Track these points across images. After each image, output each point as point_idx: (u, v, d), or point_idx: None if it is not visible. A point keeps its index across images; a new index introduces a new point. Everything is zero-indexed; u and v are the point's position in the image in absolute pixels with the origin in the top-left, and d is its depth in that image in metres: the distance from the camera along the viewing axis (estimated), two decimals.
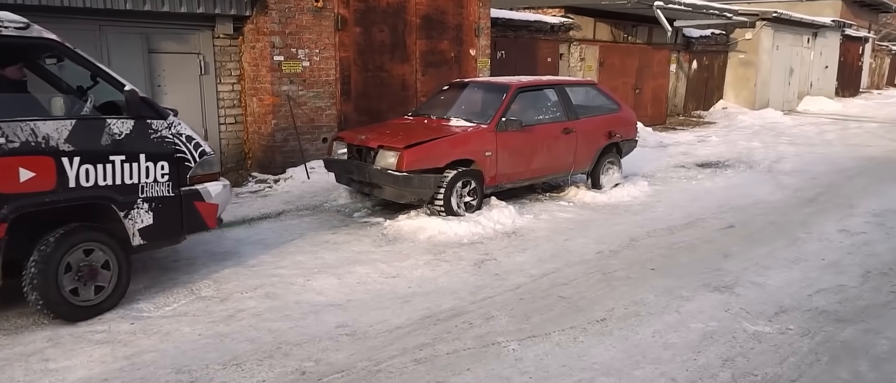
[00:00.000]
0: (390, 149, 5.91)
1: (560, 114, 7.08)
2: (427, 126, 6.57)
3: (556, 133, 6.92)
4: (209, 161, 4.31)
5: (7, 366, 3.26)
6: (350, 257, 5.13)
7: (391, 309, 4.06)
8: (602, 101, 7.81)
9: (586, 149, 7.26)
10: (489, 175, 6.33)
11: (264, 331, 3.67)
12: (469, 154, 6.17)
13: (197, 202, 4.22)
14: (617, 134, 7.59)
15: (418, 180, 5.81)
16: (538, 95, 7.17)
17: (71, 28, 7.04)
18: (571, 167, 7.22)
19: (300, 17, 8.07)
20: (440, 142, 6.04)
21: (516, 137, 6.48)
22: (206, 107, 8.25)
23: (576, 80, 8.16)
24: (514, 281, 4.57)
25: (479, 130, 6.30)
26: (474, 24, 10.05)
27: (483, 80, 7.55)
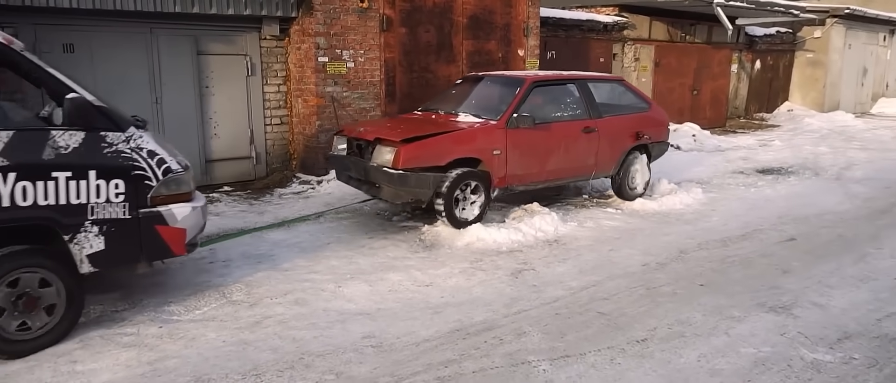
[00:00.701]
0: (387, 143, 5.45)
1: (581, 111, 6.54)
2: (433, 121, 6.12)
3: (575, 132, 6.40)
4: (176, 179, 3.74)
5: (36, 367, 3.28)
6: (385, 263, 5.02)
7: (421, 320, 3.92)
8: (630, 99, 7.24)
9: (610, 151, 6.71)
10: (498, 175, 5.86)
11: (288, 340, 3.59)
12: (475, 152, 5.69)
13: (158, 226, 3.67)
14: (645, 135, 7.01)
15: (416, 179, 5.34)
16: (557, 90, 6.64)
17: (124, 31, 7.24)
18: (592, 170, 6.68)
19: (345, 18, 8.04)
20: (442, 137, 5.57)
21: (529, 135, 5.99)
22: (253, 108, 8.33)
23: (601, 75, 7.43)
24: (551, 293, 4.35)
25: (487, 126, 5.82)
26: (523, 23, 9.82)
27: (498, 74, 7.02)
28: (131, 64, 7.34)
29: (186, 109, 7.80)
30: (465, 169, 5.56)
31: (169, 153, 3.78)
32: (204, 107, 7.95)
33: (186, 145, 7.81)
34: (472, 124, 5.85)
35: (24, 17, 6.62)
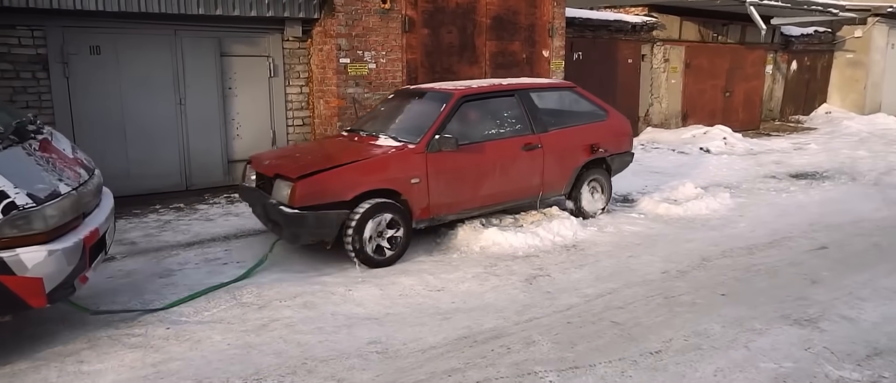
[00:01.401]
0: (285, 179, 4.79)
1: (522, 126, 5.82)
2: (346, 147, 5.41)
3: (513, 150, 5.68)
4: (24, 216, 2.97)
5: (43, 366, 3.31)
6: (398, 266, 4.96)
7: (429, 326, 3.84)
8: (584, 108, 6.49)
9: (559, 168, 6.04)
10: (419, 207, 5.15)
11: (293, 345, 3.55)
12: (388, 183, 4.95)
13: (2, 275, 2.99)
14: (602, 147, 6.33)
15: (315, 218, 4.61)
16: (492, 104, 5.83)
17: (149, 33, 7.33)
18: (539, 190, 5.99)
19: (367, 19, 8.02)
20: (345, 169, 4.82)
21: (455, 159, 5.26)
22: (275, 109, 8.37)
23: (548, 82, 6.68)
24: (565, 301, 4.23)
25: (402, 152, 5.08)
26: (548, 24, 9.67)
27: (428, 87, 6.18)
28: (156, 65, 7.43)
29: (210, 110, 7.87)
30: (376, 201, 4.86)
31: (31, 179, 3.07)
32: (227, 108, 8.01)
33: (209, 146, 7.90)
34: (386, 150, 5.14)
35: (52, 19, 6.75)
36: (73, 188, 3.32)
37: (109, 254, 5.18)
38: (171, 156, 7.70)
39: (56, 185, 3.20)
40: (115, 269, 4.89)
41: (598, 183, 6.48)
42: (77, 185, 3.38)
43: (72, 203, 3.26)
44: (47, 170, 3.26)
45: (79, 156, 3.81)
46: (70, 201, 3.24)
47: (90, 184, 3.58)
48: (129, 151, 7.41)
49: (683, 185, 7.54)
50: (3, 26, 6.59)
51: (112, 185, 7.24)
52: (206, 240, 5.71)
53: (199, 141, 7.85)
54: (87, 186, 3.52)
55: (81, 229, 3.33)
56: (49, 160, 3.36)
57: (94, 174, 3.78)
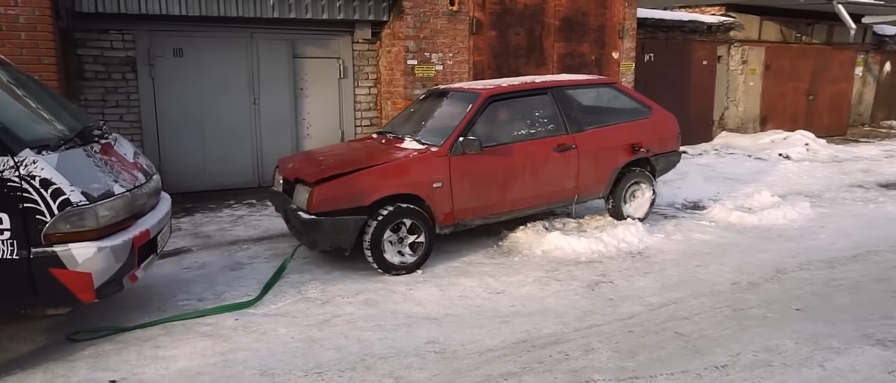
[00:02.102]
0: (304, 183, 4.73)
1: (555, 126, 5.58)
2: (372, 149, 5.31)
3: (544, 152, 5.44)
4: (78, 213, 3.12)
5: (124, 349, 3.52)
6: (458, 267, 4.98)
7: (487, 328, 3.85)
8: (625, 105, 6.14)
9: (596, 170, 5.75)
10: (442, 212, 4.97)
11: (353, 340, 3.63)
12: (409, 187, 4.79)
13: (54, 269, 3.12)
14: (644, 147, 6.02)
15: (332, 224, 4.52)
16: (523, 104, 5.61)
17: (227, 36, 7.68)
18: (574, 193, 5.72)
19: (435, 22, 8.10)
20: (364, 173, 4.68)
21: (480, 162, 5.08)
22: (344, 109, 8.58)
23: (584, 78, 6.26)
24: (627, 309, 4.13)
25: (424, 156, 4.93)
26: (619, 25, 9.47)
27: (456, 87, 6.01)
28: (233, 67, 7.77)
29: (282, 110, 8.16)
30: (396, 207, 4.72)
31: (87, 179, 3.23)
32: (298, 108, 8.28)
33: (281, 144, 8.18)
34: (409, 153, 4.99)
35: (140, 24, 7.18)
36: (128, 190, 3.45)
37: (185, 247, 5.49)
38: (245, 154, 8.03)
39: (111, 186, 3.34)
40: (191, 261, 5.15)
41: (640, 185, 6.18)
42: (132, 188, 3.51)
43: (124, 203, 3.40)
44: (104, 171, 3.41)
45: (139, 161, 3.99)
46: (123, 202, 3.39)
47: (146, 188, 3.72)
48: (207, 149, 7.78)
49: (759, 193, 7.22)
50: (98, 31, 7.06)
51: (190, 181, 7.69)
52: (274, 236, 5.92)
53: (271, 139, 8.14)
54: (143, 189, 3.66)
55: (132, 229, 3.46)
56: (107, 162, 3.52)
57: (152, 179, 3.94)
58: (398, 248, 4.80)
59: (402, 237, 4.82)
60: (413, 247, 4.87)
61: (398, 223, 4.76)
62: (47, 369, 3.31)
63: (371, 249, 4.65)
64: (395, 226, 4.77)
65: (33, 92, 3.68)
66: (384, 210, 4.69)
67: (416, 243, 4.88)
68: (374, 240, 4.64)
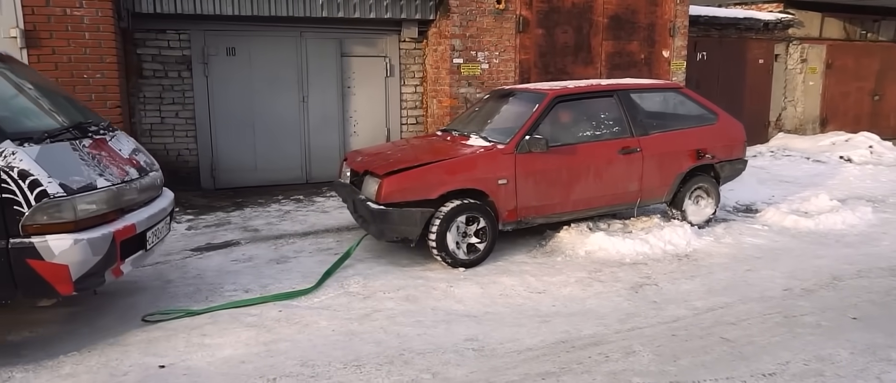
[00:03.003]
0: (373, 175, 4.90)
1: (620, 128, 5.58)
2: (438, 146, 5.45)
3: (609, 154, 5.46)
4: (55, 205, 3.15)
5: (173, 336, 3.65)
6: (500, 266, 4.97)
7: (527, 327, 3.82)
8: (691, 110, 6.09)
9: (660, 174, 5.71)
10: (506, 209, 5.07)
11: (393, 335, 3.67)
12: (474, 182, 4.91)
13: (31, 260, 3.15)
14: (709, 153, 5.92)
15: (399, 215, 4.68)
16: (588, 105, 5.63)
17: (278, 35, 7.86)
18: (636, 196, 5.70)
19: (481, 20, 8.09)
20: (432, 167, 4.84)
21: (545, 160, 5.13)
22: (390, 107, 8.67)
23: (650, 82, 6.30)
24: (671, 312, 4.04)
25: (490, 153, 5.04)
26: (669, 22, 9.25)
27: (522, 87, 6.10)
28: (283, 65, 7.95)
29: (329, 108, 8.30)
30: (461, 202, 4.84)
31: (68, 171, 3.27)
32: (345, 105, 8.41)
33: (328, 142, 8.33)
34: (475, 150, 5.11)
35: (195, 24, 7.43)
36: (113, 184, 3.48)
37: (234, 240, 5.65)
38: (293, 150, 8.21)
39: (93, 180, 3.37)
40: (239, 254, 5.30)
41: (703, 191, 6.06)
42: (119, 182, 3.54)
43: (108, 197, 3.43)
44: (89, 165, 3.45)
45: (137, 157, 4.05)
46: (106, 195, 3.41)
47: (137, 184, 3.76)
48: (257, 145, 7.98)
49: (817, 197, 6.93)
50: (156, 31, 7.34)
51: (241, 177, 7.91)
52: (320, 231, 6.03)
53: (318, 137, 8.30)
54: (132, 185, 3.70)
55: (116, 223, 3.47)
56: (95, 157, 3.56)
57: (148, 175, 3.99)
58: (458, 241, 4.88)
59: (465, 231, 4.91)
60: (475, 243, 4.95)
61: (468, 217, 4.89)
62: (103, 352, 3.46)
63: (436, 241, 4.78)
64: (467, 219, 4.89)
65: (35, 88, 3.80)
66: (450, 203, 4.82)
67: (480, 238, 4.96)
68: (439, 233, 4.76)
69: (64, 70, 5.96)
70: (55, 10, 5.85)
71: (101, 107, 6.10)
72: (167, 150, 7.63)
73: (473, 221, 4.94)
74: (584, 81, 6.20)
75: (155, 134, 7.56)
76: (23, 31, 5.76)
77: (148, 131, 7.53)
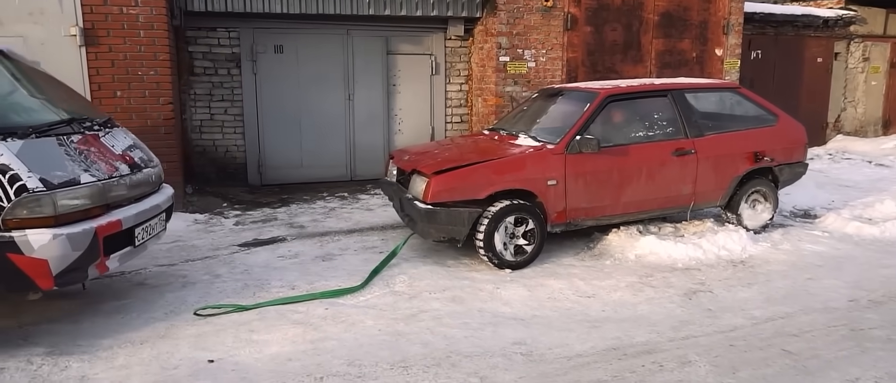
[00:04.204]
0: (421, 174, 4.84)
1: (674, 129, 5.39)
2: (486, 145, 5.35)
3: (662, 155, 5.28)
4: (35, 199, 3.17)
5: (222, 331, 3.68)
6: (547, 268, 4.87)
7: (576, 332, 3.72)
8: (749, 111, 5.85)
9: (715, 177, 5.51)
10: (555, 210, 4.95)
11: (440, 337, 3.62)
12: (523, 183, 4.81)
13: (11, 254, 3.16)
14: (768, 156, 5.66)
15: (447, 215, 4.62)
16: (641, 105, 5.46)
17: (325, 33, 7.91)
18: (690, 200, 5.50)
19: (529, 18, 7.98)
20: (480, 167, 4.75)
21: (596, 161, 5.00)
22: (435, 105, 8.63)
23: (706, 82, 6.07)
24: (728, 321, 3.87)
25: (540, 153, 4.92)
26: (723, 19, 8.96)
27: (572, 86, 5.94)
28: (329, 63, 8.00)
29: (375, 106, 8.32)
30: (509, 202, 4.76)
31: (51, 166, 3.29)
32: (390, 103, 8.41)
33: (373, 139, 8.35)
34: (524, 150, 4.99)
35: (245, 22, 7.53)
36: (99, 180, 3.48)
37: (280, 236, 5.69)
38: (338, 147, 8.25)
39: (77, 175, 3.38)
40: (285, 250, 5.33)
41: (761, 195, 5.81)
42: (106, 178, 3.53)
43: (92, 192, 3.43)
44: (75, 160, 3.46)
45: (131, 153, 4.04)
46: (89, 191, 3.42)
47: (127, 180, 3.76)
48: (303, 142, 8.05)
49: (881, 202, 6.60)
50: (207, 29, 7.47)
51: (287, 173, 8.00)
52: (365, 229, 6.03)
53: (363, 134, 8.32)
54: (121, 180, 3.70)
55: (100, 219, 3.46)
56: (83, 152, 3.57)
57: (142, 171, 3.99)
58: (505, 242, 4.79)
59: (513, 232, 4.82)
60: (523, 244, 4.86)
61: (516, 218, 4.80)
62: (154, 345, 3.51)
63: (484, 242, 4.70)
64: (515, 220, 4.80)
65: (33, 84, 3.84)
66: (499, 204, 4.74)
67: (528, 239, 4.86)
68: (487, 234, 4.68)
69: (119, 67, 6.11)
70: (112, 8, 5.99)
71: (153, 104, 6.24)
72: (216, 146, 7.77)
73: (521, 222, 4.85)
74: (636, 80, 6.04)
75: (204, 130, 7.70)
76: (82, 30, 5.92)
77: (198, 127, 7.68)
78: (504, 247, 4.79)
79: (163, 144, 6.32)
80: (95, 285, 4.44)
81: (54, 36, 5.90)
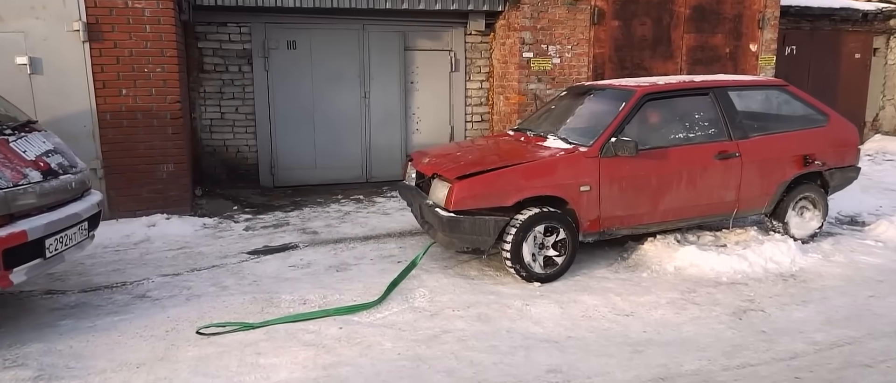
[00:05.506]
0: (443, 179, 4.48)
1: (716, 131, 4.99)
2: (512, 147, 4.99)
3: (704, 159, 4.89)
4: None
5: (225, 354, 3.35)
6: (579, 281, 4.48)
7: (617, 358, 3.34)
8: (797, 111, 5.44)
9: (760, 182, 5.11)
10: (588, 218, 4.58)
11: (466, 363, 3.25)
12: (553, 189, 4.44)
13: None
14: (818, 159, 5.23)
15: (471, 224, 4.27)
16: (680, 104, 5.07)
17: (340, 28, 7.57)
18: (733, 207, 5.10)
19: (553, 12, 7.58)
20: (507, 172, 4.37)
21: (633, 165, 4.63)
22: (454, 104, 8.26)
23: (751, 79, 5.67)
24: (787, 346, 3.47)
25: (572, 156, 4.53)
26: (758, 13, 8.49)
27: (606, 83, 5.53)
28: (344, 60, 7.66)
29: (391, 104, 7.97)
30: (539, 210, 4.38)
31: None
32: (408, 102, 8.06)
33: (389, 140, 8.00)
34: (554, 153, 4.61)
35: (256, 16, 7.21)
36: (0, 188, 3.31)
37: (292, 243, 5.36)
38: (353, 148, 7.91)
39: None
40: (297, 259, 5.00)
41: (809, 202, 5.37)
42: (10, 186, 3.36)
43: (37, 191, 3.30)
44: None
45: (47, 159, 3.78)
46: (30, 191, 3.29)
47: (38, 187, 3.54)
48: (317, 142, 7.73)
49: None
50: (217, 24, 7.16)
51: (300, 175, 7.66)
52: (381, 235, 5.69)
53: (380, 134, 7.98)
54: (29, 189, 3.48)
55: (0, 230, 3.29)
56: None
57: (58, 178, 3.73)
58: (534, 253, 4.42)
59: (542, 242, 4.44)
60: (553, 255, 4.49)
61: (546, 227, 4.42)
62: (151, 370, 3.19)
63: (511, 253, 4.33)
64: (545, 229, 4.42)
65: None
66: (527, 211, 4.37)
67: (558, 250, 4.49)
68: (514, 244, 4.32)
69: (125, 64, 5.81)
70: (116, 2, 5.69)
71: (160, 102, 5.93)
72: (227, 147, 7.47)
73: (552, 232, 4.46)
74: (674, 78, 5.62)
75: (215, 129, 7.40)
76: (85, 25, 5.63)
77: (208, 127, 7.38)
78: (533, 258, 4.42)
79: (171, 144, 6.03)
80: (96, 298, 4.14)
81: (56, 31, 5.61)
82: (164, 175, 6.05)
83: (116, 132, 5.85)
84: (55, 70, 5.65)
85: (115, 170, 5.89)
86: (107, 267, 4.80)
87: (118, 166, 5.89)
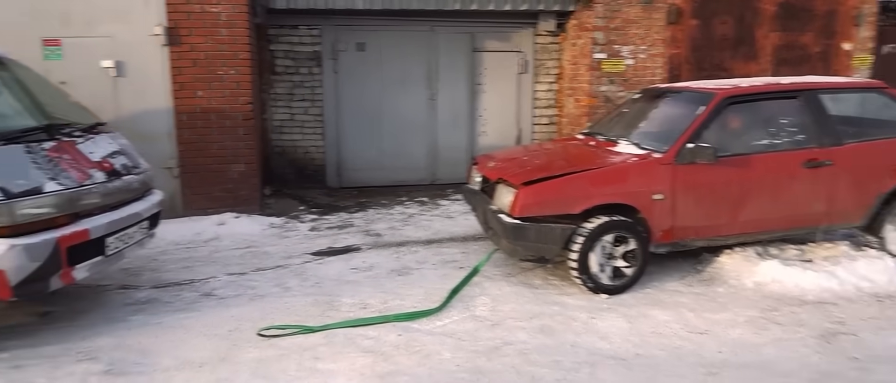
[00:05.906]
0: (508, 184, 4.31)
1: (804, 137, 4.62)
2: (581, 152, 4.80)
3: (791, 167, 4.54)
4: None
5: (285, 357, 3.35)
6: (649, 295, 4.26)
7: (689, 379, 3.12)
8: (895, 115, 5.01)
9: (855, 193, 4.72)
10: (660, 228, 4.34)
11: (527, 378, 3.12)
12: (624, 196, 4.22)
13: None
14: None
15: (536, 231, 4.10)
16: (765, 108, 4.72)
17: (409, 30, 7.57)
18: (823, 219, 4.72)
19: (627, 11, 7.30)
20: (575, 178, 4.18)
21: (711, 173, 4.34)
22: (522, 106, 8.11)
23: (844, 81, 5.31)
24: (884, 377, 3.15)
25: (645, 162, 4.30)
26: (854, 10, 7.89)
27: (683, 86, 5.23)
28: (412, 61, 7.65)
29: (459, 106, 7.90)
30: (609, 218, 4.17)
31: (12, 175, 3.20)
32: (475, 104, 7.97)
33: (456, 142, 7.93)
34: (626, 158, 4.39)
35: (326, 19, 7.30)
36: (67, 188, 3.38)
37: (355, 245, 5.37)
38: (419, 149, 7.89)
39: (41, 184, 3.29)
40: (359, 261, 5.00)
41: None
42: (76, 187, 3.43)
43: (56, 201, 3.32)
44: (43, 168, 3.37)
45: (112, 160, 3.85)
46: (54, 200, 3.31)
47: (103, 187, 3.62)
48: (383, 143, 7.76)
49: None
50: (289, 26, 7.30)
51: (366, 176, 7.70)
52: (444, 239, 5.62)
53: (446, 136, 7.92)
54: (93, 189, 3.56)
55: (64, 229, 3.35)
56: (52, 160, 3.46)
57: (122, 179, 3.81)
58: (602, 263, 4.23)
59: (611, 253, 4.26)
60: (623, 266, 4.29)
61: (616, 237, 4.23)
62: (214, 370, 3.23)
63: (578, 263, 4.18)
64: (614, 239, 4.23)
65: (20, 90, 3.72)
66: (596, 220, 4.18)
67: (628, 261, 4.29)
68: (582, 253, 4.15)
69: (201, 66, 5.99)
70: (194, 7, 5.88)
71: (233, 104, 6.09)
72: (295, 147, 7.60)
73: (621, 242, 4.26)
74: (759, 79, 5.24)
75: (284, 130, 7.55)
76: (166, 29, 5.85)
77: (278, 128, 7.54)
78: (600, 268, 4.22)
79: (242, 145, 6.18)
80: (165, 295, 4.27)
81: (140, 35, 5.85)
82: (235, 174, 6.21)
83: (191, 132, 6.05)
84: (137, 73, 5.90)
85: (189, 170, 6.09)
86: (177, 264, 4.95)
87: (192, 165, 6.09)
